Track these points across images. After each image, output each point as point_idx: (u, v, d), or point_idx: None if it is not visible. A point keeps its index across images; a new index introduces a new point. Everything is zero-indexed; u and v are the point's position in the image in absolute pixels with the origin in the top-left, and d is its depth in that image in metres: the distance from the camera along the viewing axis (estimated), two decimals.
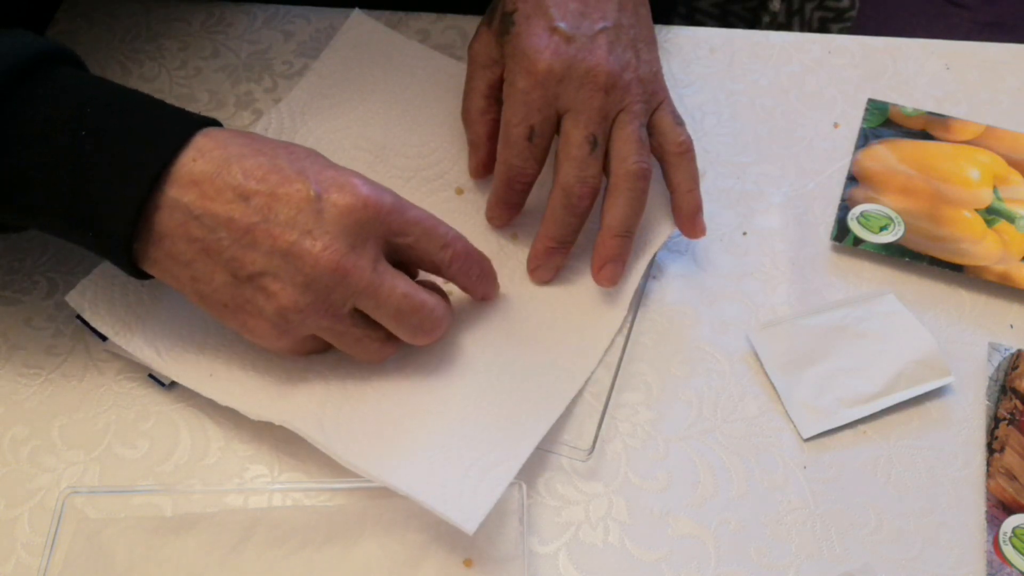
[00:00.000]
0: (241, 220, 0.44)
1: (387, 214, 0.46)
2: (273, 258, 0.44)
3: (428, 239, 0.48)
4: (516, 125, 0.53)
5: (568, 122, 0.52)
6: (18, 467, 0.50)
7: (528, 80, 0.52)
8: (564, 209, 0.53)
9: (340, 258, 0.44)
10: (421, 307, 0.47)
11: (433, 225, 0.48)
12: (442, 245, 0.48)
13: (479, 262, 0.51)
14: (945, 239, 0.59)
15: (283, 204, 0.44)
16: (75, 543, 0.46)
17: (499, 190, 0.55)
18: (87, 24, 0.68)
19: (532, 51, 0.52)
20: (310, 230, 0.44)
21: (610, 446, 0.51)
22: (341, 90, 0.63)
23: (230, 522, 0.47)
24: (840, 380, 0.53)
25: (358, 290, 0.45)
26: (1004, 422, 0.53)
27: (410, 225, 0.47)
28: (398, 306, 0.46)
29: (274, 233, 0.44)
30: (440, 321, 0.48)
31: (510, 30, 0.53)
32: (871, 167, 0.63)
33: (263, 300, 0.45)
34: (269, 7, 0.70)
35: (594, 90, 0.52)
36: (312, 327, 0.46)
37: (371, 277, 0.45)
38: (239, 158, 0.45)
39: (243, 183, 0.44)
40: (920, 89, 0.68)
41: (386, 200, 0.46)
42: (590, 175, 0.52)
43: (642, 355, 0.55)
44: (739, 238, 0.60)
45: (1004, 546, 0.49)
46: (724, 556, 0.48)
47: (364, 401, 0.49)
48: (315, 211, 0.44)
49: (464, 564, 0.46)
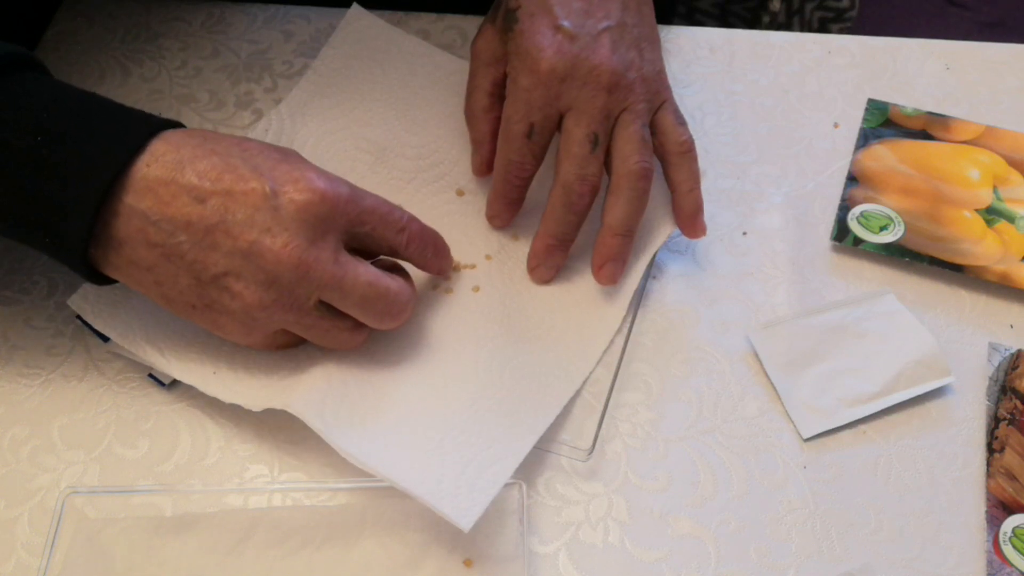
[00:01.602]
0: (199, 222, 0.44)
1: (344, 205, 0.46)
2: (234, 258, 0.44)
3: (385, 225, 0.48)
4: (516, 122, 0.53)
5: (570, 120, 0.52)
6: (18, 467, 0.50)
7: (530, 78, 0.52)
8: (564, 207, 0.53)
9: (301, 253, 0.44)
10: (386, 293, 0.47)
11: (388, 211, 0.48)
12: (398, 229, 0.49)
13: (433, 241, 0.51)
14: (945, 239, 0.59)
15: (240, 203, 0.44)
16: (75, 543, 0.46)
17: (498, 186, 0.56)
18: (87, 24, 0.68)
19: (535, 49, 0.52)
20: (269, 228, 0.44)
21: (610, 446, 0.51)
22: (341, 89, 0.63)
23: (230, 522, 0.47)
24: (840, 380, 0.53)
25: (321, 283, 0.45)
26: (1004, 422, 0.53)
27: (367, 214, 0.47)
28: (363, 295, 0.47)
29: (233, 233, 0.44)
30: (405, 304, 0.49)
31: (513, 27, 0.53)
32: (871, 167, 0.63)
33: (228, 299, 0.45)
34: (269, 7, 0.70)
35: (597, 89, 0.52)
36: (280, 322, 0.47)
37: (333, 269, 0.45)
38: (192, 160, 0.44)
39: (198, 185, 0.44)
40: (920, 89, 0.68)
41: (342, 192, 0.46)
42: (590, 173, 0.52)
43: (642, 355, 0.55)
44: (739, 238, 0.60)
45: (1004, 546, 0.49)
46: (724, 556, 0.48)
47: (365, 396, 0.49)
48: (272, 208, 0.44)
49: (464, 564, 0.46)
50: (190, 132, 0.46)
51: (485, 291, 0.55)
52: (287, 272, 0.44)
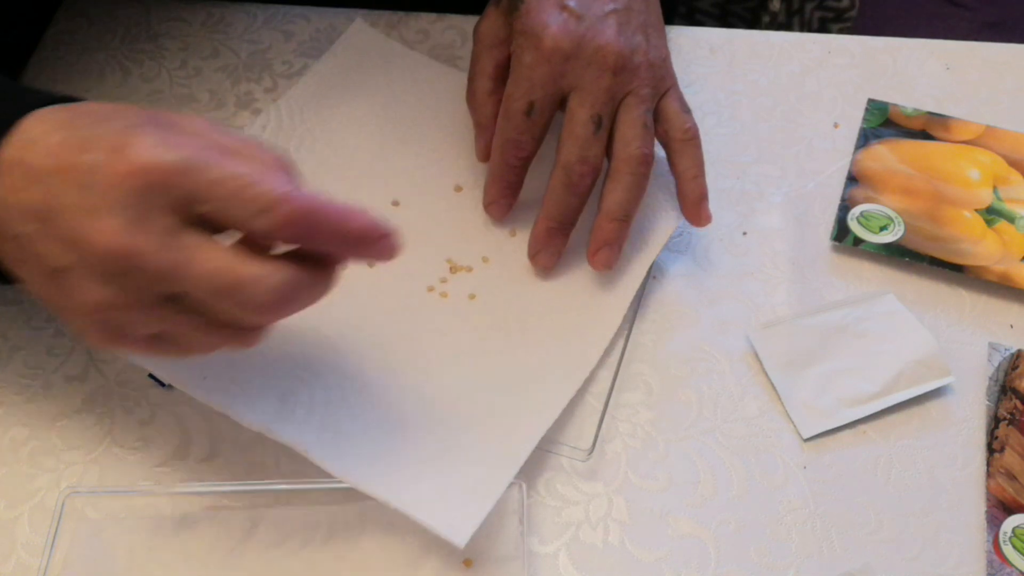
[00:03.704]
0: (39, 208, 0.38)
1: (172, 176, 0.36)
2: (69, 249, 0.37)
3: (236, 203, 0.37)
4: (517, 99, 0.52)
5: (574, 101, 0.52)
6: (18, 467, 0.50)
7: (534, 55, 0.51)
8: (564, 188, 0.52)
9: (121, 238, 0.36)
10: (244, 282, 0.37)
11: (244, 185, 0.37)
12: (258, 210, 0.37)
13: (334, 224, 0.39)
14: (945, 239, 0.59)
15: (70, 182, 0.37)
16: (75, 543, 0.46)
17: (495, 168, 0.55)
18: (87, 24, 0.68)
19: (540, 27, 0.51)
20: (92, 208, 0.37)
21: (610, 446, 0.51)
22: (340, 92, 0.63)
23: (230, 522, 0.47)
24: (840, 380, 0.53)
25: (157, 273, 0.37)
26: (1004, 422, 0.53)
27: (210, 188, 0.37)
28: (211, 286, 0.37)
29: (65, 218, 0.37)
30: (274, 293, 0.38)
31: (519, 7, 0.53)
32: (871, 167, 0.63)
33: (75, 297, 0.38)
34: (269, 7, 0.70)
35: (602, 70, 0.51)
36: (136, 324, 0.39)
37: (168, 256, 0.37)
38: (46, 135, 0.38)
39: (43, 164, 0.38)
40: (920, 89, 0.68)
41: (170, 160, 0.36)
42: (592, 155, 0.52)
43: (642, 355, 0.55)
44: (739, 238, 0.60)
45: (1004, 546, 0.49)
46: (724, 556, 0.48)
47: (353, 410, 0.49)
48: (89, 186, 0.37)
49: (464, 564, 0.46)
50: (67, 106, 0.40)
51: (481, 299, 0.54)
52: (109, 261, 0.37)
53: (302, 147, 0.60)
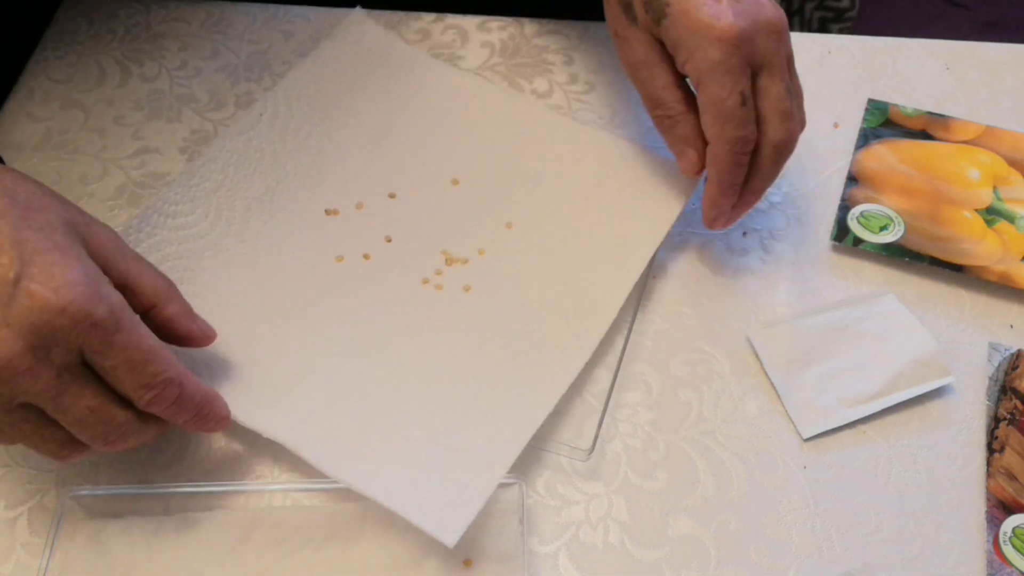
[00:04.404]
0: None
1: (89, 327, 0.39)
2: None
3: (129, 372, 0.41)
4: (728, 96, 0.51)
5: (764, 78, 0.51)
6: (18, 467, 0.50)
7: (723, 48, 0.50)
8: (772, 165, 0.53)
9: (12, 356, 0.38)
10: (108, 422, 0.42)
11: (143, 360, 0.41)
12: (143, 385, 0.42)
13: (195, 408, 0.44)
14: (945, 239, 0.59)
15: None
16: (75, 543, 0.46)
17: (725, 174, 0.53)
18: (87, 24, 0.68)
19: (712, 19, 0.50)
20: None
21: (610, 446, 0.51)
22: (338, 83, 0.63)
23: (230, 522, 0.47)
24: (840, 380, 0.53)
25: (32, 392, 0.39)
26: (1004, 422, 0.53)
27: (114, 350, 0.40)
28: (79, 418, 0.41)
29: None
30: (126, 437, 0.43)
31: (667, 11, 0.51)
32: (871, 167, 0.63)
33: None
34: (269, 7, 0.70)
35: (779, 40, 0.51)
36: None
37: (49, 383, 0.40)
38: None
39: None
40: (920, 89, 0.68)
41: (95, 313, 0.39)
42: (796, 122, 0.53)
43: (642, 355, 0.55)
44: (739, 238, 0.60)
45: (1004, 546, 0.49)
46: (724, 556, 0.48)
47: (345, 408, 0.49)
48: (7, 296, 0.38)
49: (464, 564, 0.46)
50: None
51: (476, 290, 0.54)
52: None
53: (299, 136, 0.60)
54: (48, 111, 0.63)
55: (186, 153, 0.61)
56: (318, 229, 0.56)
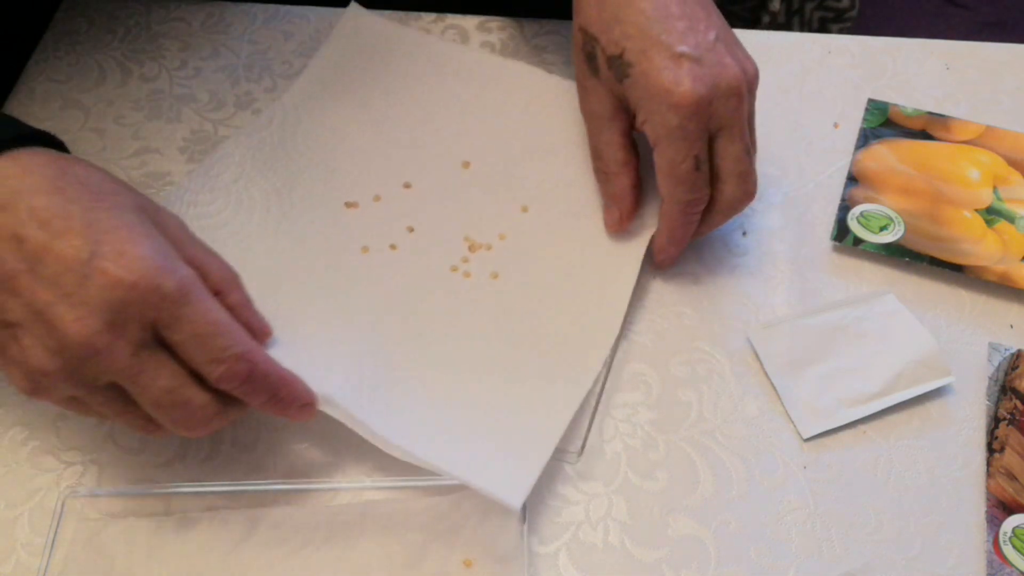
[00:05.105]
0: (8, 264, 0.40)
1: (159, 300, 0.40)
2: (29, 313, 0.40)
3: (198, 346, 0.42)
4: (681, 161, 0.51)
5: (724, 139, 0.52)
6: (18, 467, 0.50)
7: (680, 113, 0.50)
8: (723, 217, 0.55)
9: (91, 335, 0.39)
10: (185, 404, 0.42)
11: (212, 332, 0.42)
12: (213, 359, 0.42)
13: (269, 388, 0.44)
14: (945, 239, 0.59)
15: (53, 258, 0.40)
16: (75, 543, 0.46)
17: (675, 230, 0.54)
18: (87, 24, 0.68)
19: (671, 84, 0.50)
20: (69, 294, 0.39)
21: (610, 446, 0.51)
22: (344, 82, 0.63)
23: (230, 522, 0.47)
24: (840, 380, 0.53)
25: (112, 371, 0.40)
26: (1004, 422, 0.53)
27: (182, 322, 0.41)
28: (157, 399, 0.41)
29: (35, 288, 0.40)
30: (206, 421, 0.43)
31: (628, 72, 0.51)
32: (871, 167, 0.63)
33: (16, 351, 0.41)
34: (269, 7, 0.70)
35: (739, 101, 0.51)
36: (67, 392, 0.42)
37: (128, 362, 0.40)
38: (32, 193, 0.40)
39: (24, 223, 0.40)
40: (920, 89, 0.68)
41: (164, 286, 0.40)
42: (754, 181, 0.54)
43: (642, 355, 0.55)
44: (739, 238, 0.60)
45: (1004, 546, 0.49)
46: (724, 556, 0.48)
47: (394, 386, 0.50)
48: (81, 275, 0.39)
49: (464, 564, 0.46)
50: (52, 158, 0.43)
51: (504, 277, 0.56)
52: (74, 348, 0.39)
53: (309, 135, 0.61)
54: (48, 111, 0.63)
55: (186, 153, 0.61)
56: (340, 221, 0.57)
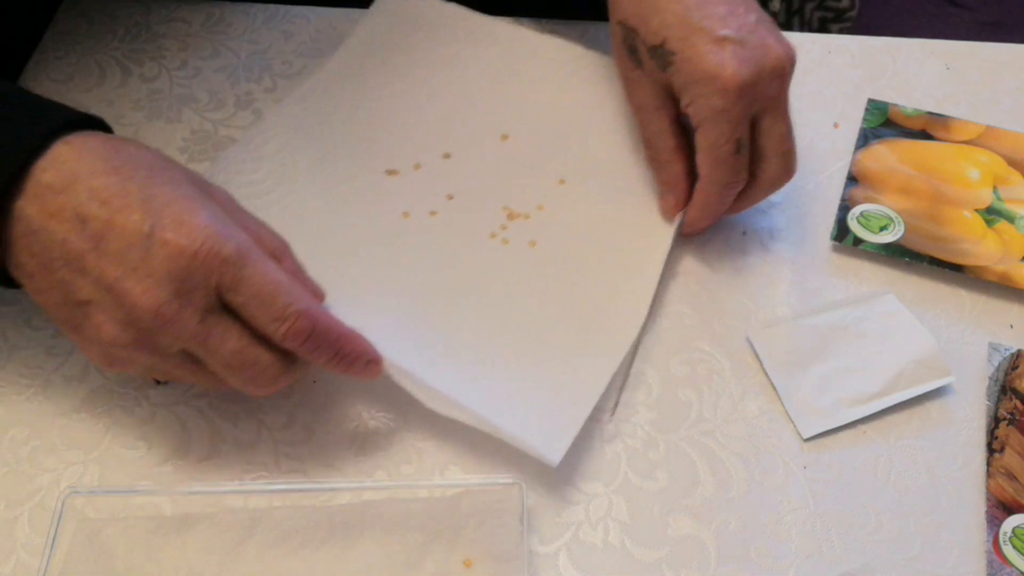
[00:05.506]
0: (74, 244, 0.41)
1: (220, 265, 0.42)
2: (99, 290, 0.42)
3: (260, 306, 0.43)
4: (724, 144, 0.52)
5: (768, 120, 0.53)
6: (18, 467, 0.50)
7: (725, 97, 0.51)
8: (764, 194, 0.55)
9: (160, 305, 0.41)
10: (253, 364, 0.44)
11: (273, 292, 0.43)
12: (275, 318, 0.43)
13: (333, 344, 0.45)
14: (945, 239, 0.59)
15: (116, 234, 0.41)
16: (75, 543, 0.46)
17: (708, 207, 0.56)
18: (87, 24, 0.68)
19: (715, 67, 0.50)
20: (136, 267, 0.41)
21: (610, 446, 0.51)
22: (383, 53, 0.65)
23: (230, 522, 0.47)
24: (840, 380, 0.53)
25: (182, 338, 0.42)
26: (1004, 422, 0.53)
27: (243, 284, 0.42)
28: (226, 361, 0.43)
29: (102, 265, 0.41)
30: (274, 380, 0.45)
31: (672, 60, 0.52)
32: (871, 167, 0.63)
33: (91, 328, 0.43)
34: (269, 7, 0.70)
35: (782, 81, 0.52)
36: (142, 361, 0.44)
37: (196, 328, 0.42)
38: (90, 175, 0.42)
39: (85, 203, 0.41)
40: (920, 89, 0.68)
41: (224, 250, 0.42)
42: (795, 160, 0.55)
43: (642, 355, 0.55)
44: (739, 238, 0.60)
45: (1004, 546, 0.49)
46: (724, 556, 0.48)
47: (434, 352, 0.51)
48: (144, 248, 0.41)
49: (464, 564, 0.46)
50: (104, 140, 0.44)
51: (542, 246, 0.57)
52: (145, 318, 0.41)
53: (350, 106, 0.62)
54: None
55: (186, 153, 0.61)
56: (381, 187, 0.59)
